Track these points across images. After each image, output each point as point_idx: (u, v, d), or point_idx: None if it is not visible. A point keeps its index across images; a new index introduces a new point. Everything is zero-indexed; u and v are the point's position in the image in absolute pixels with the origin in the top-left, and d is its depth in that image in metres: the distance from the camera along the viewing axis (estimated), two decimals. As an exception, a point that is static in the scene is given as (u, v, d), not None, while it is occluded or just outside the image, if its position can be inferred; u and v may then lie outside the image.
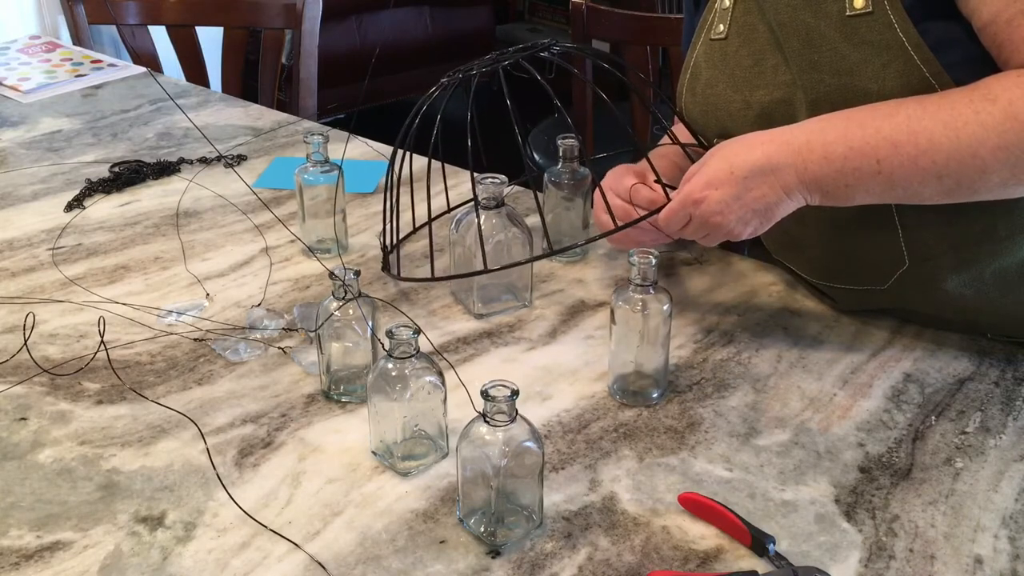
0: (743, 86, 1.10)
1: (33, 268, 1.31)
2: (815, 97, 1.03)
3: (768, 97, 1.08)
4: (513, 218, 1.17)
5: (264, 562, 0.85)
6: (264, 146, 1.69)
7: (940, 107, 0.94)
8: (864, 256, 1.10)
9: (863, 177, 0.97)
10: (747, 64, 1.09)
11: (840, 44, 1.00)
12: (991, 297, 1.08)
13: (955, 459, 0.96)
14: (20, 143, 1.72)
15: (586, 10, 2.02)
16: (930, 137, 0.94)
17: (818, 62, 1.02)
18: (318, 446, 0.99)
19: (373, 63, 3.61)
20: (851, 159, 0.96)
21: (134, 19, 2.26)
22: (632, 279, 1.00)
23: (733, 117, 1.12)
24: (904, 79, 0.98)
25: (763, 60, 1.08)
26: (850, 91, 1.00)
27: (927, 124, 0.94)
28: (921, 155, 0.94)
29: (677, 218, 1.05)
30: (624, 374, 1.04)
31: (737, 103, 1.11)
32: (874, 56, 0.99)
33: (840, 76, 1.01)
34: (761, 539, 0.85)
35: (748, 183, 1.00)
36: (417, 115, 1.16)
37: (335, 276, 1.00)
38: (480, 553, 0.86)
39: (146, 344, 1.14)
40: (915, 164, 0.95)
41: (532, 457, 0.85)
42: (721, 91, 1.13)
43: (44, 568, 0.85)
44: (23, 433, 1.01)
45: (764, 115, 1.08)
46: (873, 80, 0.99)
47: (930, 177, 0.95)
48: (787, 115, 1.06)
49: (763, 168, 0.99)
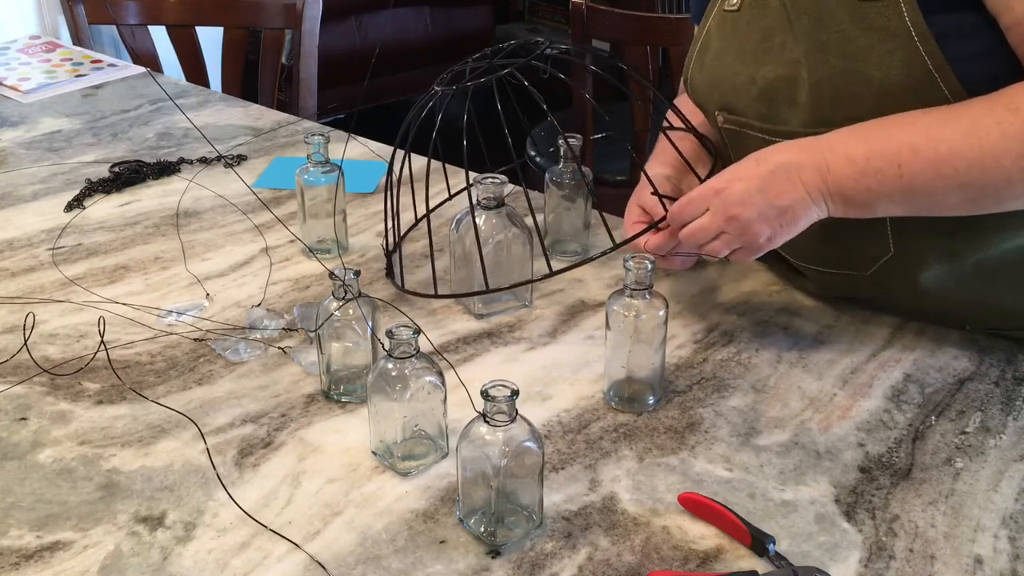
0: (750, 60, 1.10)
1: (33, 268, 1.31)
2: (818, 78, 1.03)
3: (773, 74, 1.07)
4: (513, 218, 1.17)
5: (264, 562, 0.85)
6: (264, 146, 1.69)
7: (961, 117, 0.95)
8: (850, 242, 1.10)
9: (885, 181, 0.97)
10: (756, 39, 1.09)
11: (849, 27, 1.00)
12: (970, 288, 1.08)
13: (955, 459, 0.96)
14: (20, 143, 1.72)
15: (586, 10, 2.02)
16: (950, 145, 0.94)
17: (826, 43, 1.02)
18: (318, 446, 0.99)
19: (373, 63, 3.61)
20: (873, 161, 0.97)
21: (134, 19, 2.26)
22: (627, 284, 0.99)
23: (737, 91, 1.12)
24: (907, 69, 0.98)
25: (772, 36, 1.07)
26: (853, 76, 1.00)
27: (947, 132, 0.95)
28: (942, 162, 0.95)
29: (694, 205, 1.04)
30: (620, 380, 1.04)
31: (743, 77, 1.11)
32: (880, 43, 0.98)
33: (845, 59, 1.01)
34: (761, 539, 0.85)
35: (773, 177, 1.00)
36: (415, 123, 1.16)
37: (335, 276, 1.00)
38: (480, 553, 0.86)
39: (146, 344, 1.14)
40: (936, 171, 0.95)
41: (532, 457, 0.85)
42: (729, 63, 1.12)
43: (44, 568, 0.85)
44: (23, 433, 1.01)
45: (767, 92, 1.08)
46: (877, 67, 0.99)
47: (953, 185, 0.95)
48: (789, 94, 1.06)
49: (787, 165, 1.00)
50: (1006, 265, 1.07)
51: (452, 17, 4.00)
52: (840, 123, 1.01)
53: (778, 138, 1.07)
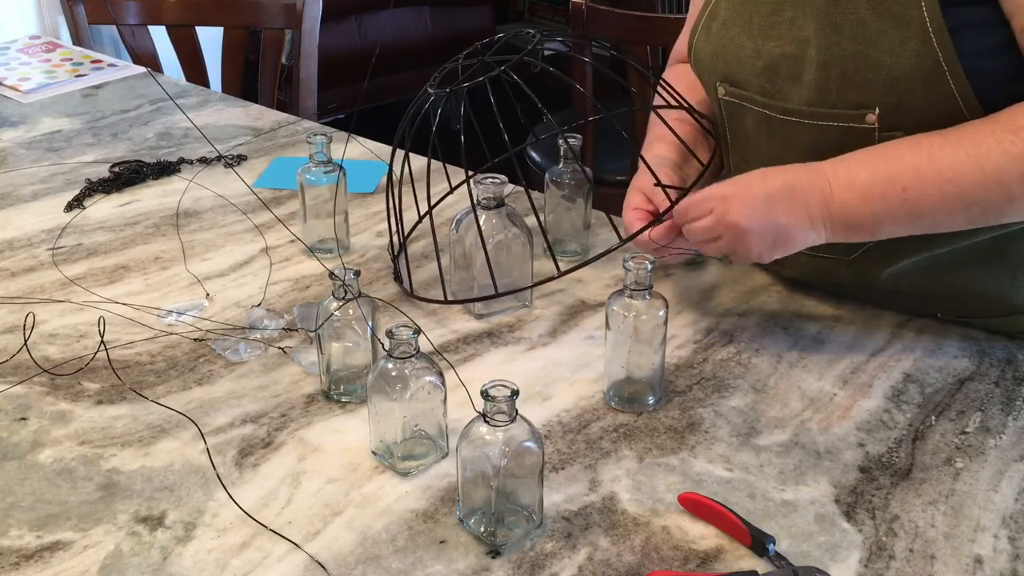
0: (757, 34, 1.09)
1: (33, 268, 1.31)
2: (827, 59, 1.02)
3: (779, 49, 1.07)
4: (513, 218, 1.16)
5: (264, 562, 0.85)
6: (264, 146, 1.69)
7: (962, 138, 0.96)
8: None
9: (889, 205, 0.98)
10: (765, 12, 1.09)
11: (864, 11, 1.00)
12: (945, 275, 1.10)
13: (955, 459, 0.96)
14: (20, 143, 1.72)
15: (586, 10, 2.02)
16: (953, 166, 0.95)
17: (840, 24, 1.01)
18: (318, 446, 0.99)
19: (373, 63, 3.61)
20: (876, 186, 0.98)
21: (134, 19, 2.26)
22: (627, 284, 0.99)
23: (741, 64, 1.11)
24: (918, 59, 0.98)
25: (782, 11, 1.07)
26: (863, 60, 1.00)
27: (949, 153, 0.95)
28: (946, 183, 0.95)
29: (700, 206, 1.04)
30: (620, 380, 1.04)
31: (748, 50, 1.10)
32: (894, 30, 0.98)
33: (857, 43, 1.01)
34: (761, 539, 0.85)
35: (779, 195, 1.00)
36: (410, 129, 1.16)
37: (335, 276, 1.00)
38: (480, 553, 0.86)
39: (146, 344, 1.14)
40: (941, 192, 0.96)
41: (532, 457, 0.85)
42: (735, 35, 1.12)
43: (44, 568, 0.85)
44: (23, 433, 1.01)
45: (771, 67, 1.08)
46: (888, 54, 0.99)
47: (957, 206, 0.96)
48: (793, 71, 1.06)
49: (793, 186, 1.00)
50: (980, 254, 1.08)
51: (452, 17, 4.00)
52: (844, 106, 1.02)
53: (778, 114, 1.07)
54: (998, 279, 1.09)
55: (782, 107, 1.08)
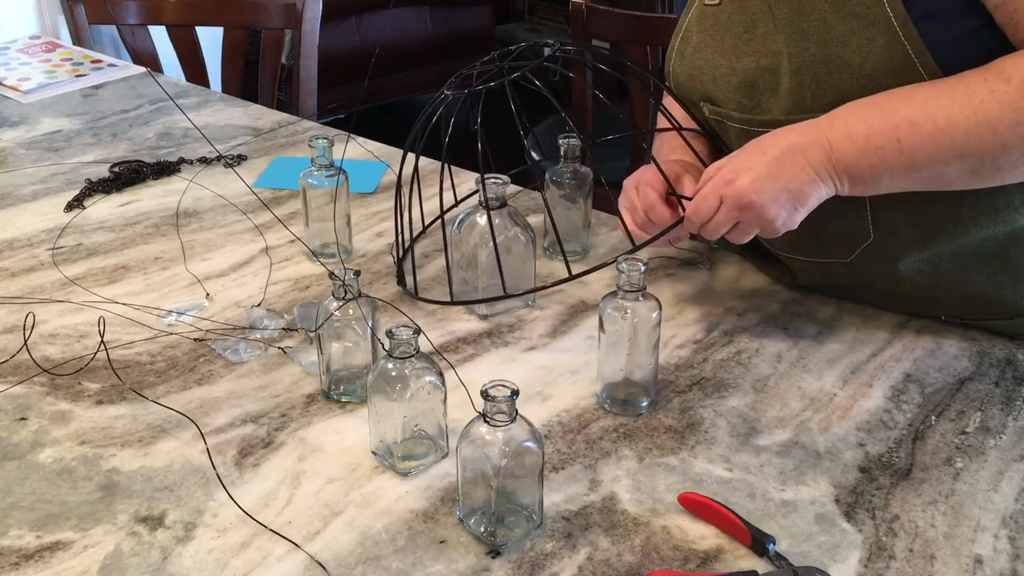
0: (731, 52, 1.11)
1: (33, 268, 1.31)
2: (798, 65, 1.04)
3: (754, 64, 1.08)
4: (515, 218, 1.16)
5: (264, 562, 0.85)
6: (264, 146, 1.69)
7: (955, 88, 0.96)
8: (830, 229, 1.11)
9: (886, 157, 0.98)
10: (738, 31, 1.10)
11: (829, 15, 1.01)
12: (947, 276, 1.09)
13: (955, 459, 0.96)
14: (20, 143, 1.72)
15: (586, 10, 2.02)
16: (947, 116, 0.95)
17: (806, 31, 1.03)
18: (318, 446, 0.99)
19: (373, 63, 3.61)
20: (872, 139, 0.98)
21: (134, 19, 2.26)
22: (620, 286, 0.99)
23: (717, 82, 1.12)
24: (887, 54, 0.99)
25: (754, 28, 1.08)
26: (833, 62, 1.01)
27: (943, 103, 0.96)
28: (940, 133, 0.96)
29: (708, 203, 1.04)
30: (614, 383, 1.03)
31: (723, 68, 1.11)
32: (861, 30, 1.00)
33: (826, 47, 1.02)
34: (761, 539, 0.85)
35: (780, 161, 1.00)
36: (423, 131, 1.16)
37: (335, 276, 1.00)
38: (480, 553, 0.86)
39: (146, 344, 1.14)
40: (935, 142, 0.96)
41: (532, 457, 0.85)
42: (709, 56, 1.13)
43: (44, 568, 0.85)
44: (23, 433, 1.01)
45: (747, 82, 1.09)
46: (857, 53, 1.00)
47: (952, 156, 0.96)
48: (770, 83, 1.07)
49: (792, 148, 1.00)
50: (983, 255, 1.08)
51: (452, 17, 4.00)
52: (821, 110, 1.02)
53: (758, 127, 1.07)
54: (999, 282, 1.09)
55: (760, 120, 1.08)
